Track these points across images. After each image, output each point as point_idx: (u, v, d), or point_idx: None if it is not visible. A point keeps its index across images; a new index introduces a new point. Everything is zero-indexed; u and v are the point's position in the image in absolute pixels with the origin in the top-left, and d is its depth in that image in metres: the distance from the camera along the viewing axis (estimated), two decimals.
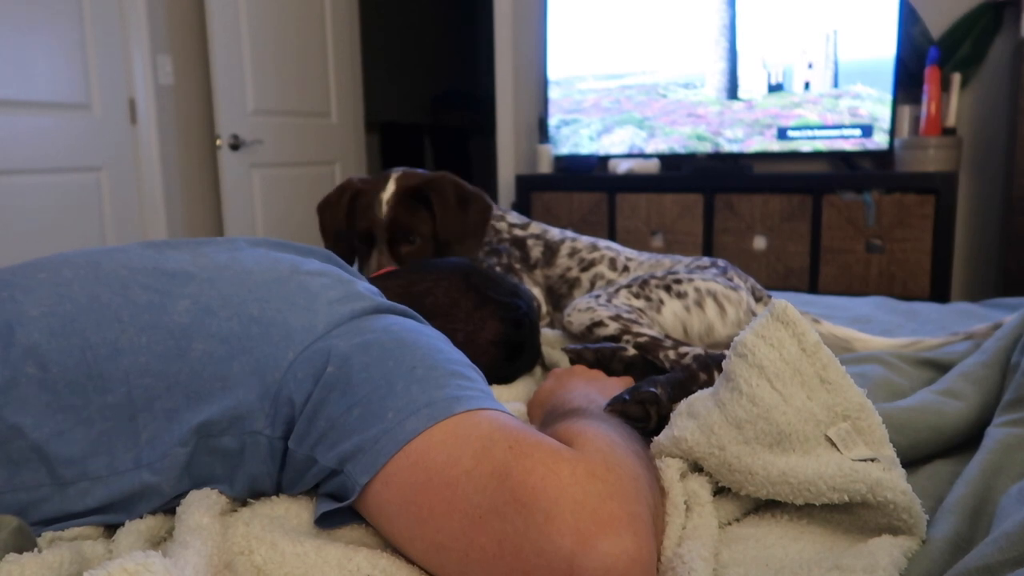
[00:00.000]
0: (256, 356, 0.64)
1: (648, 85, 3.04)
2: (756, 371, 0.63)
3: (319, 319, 0.67)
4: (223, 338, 0.65)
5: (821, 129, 2.79)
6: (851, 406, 0.62)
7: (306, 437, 0.62)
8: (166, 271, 0.71)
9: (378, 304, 0.71)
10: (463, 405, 0.58)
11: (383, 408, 0.59)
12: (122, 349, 0.64)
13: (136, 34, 2.97)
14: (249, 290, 0.70)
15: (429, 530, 0.53)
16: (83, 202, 2.84)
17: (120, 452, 0.61)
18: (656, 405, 0.81)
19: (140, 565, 0.43)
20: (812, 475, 0.57)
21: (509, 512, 0.49)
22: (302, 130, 3.52)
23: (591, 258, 1.31)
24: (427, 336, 0.69)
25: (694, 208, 2.83)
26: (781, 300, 0.67)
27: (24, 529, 0.57)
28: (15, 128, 2.60)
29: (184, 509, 0.58)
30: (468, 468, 0.53)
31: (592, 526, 0.46)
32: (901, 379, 0.97)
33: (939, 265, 2.52)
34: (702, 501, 0.61)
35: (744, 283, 1.18)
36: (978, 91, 2.74)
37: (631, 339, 0.99)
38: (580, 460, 0.51)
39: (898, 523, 0.57)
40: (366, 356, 0.63)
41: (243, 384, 0.63)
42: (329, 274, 0.74)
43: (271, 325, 0.66)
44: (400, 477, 0.56)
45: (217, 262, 0.73)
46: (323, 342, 0.65)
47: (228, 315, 0.67)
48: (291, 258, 0.76)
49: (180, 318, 0.66)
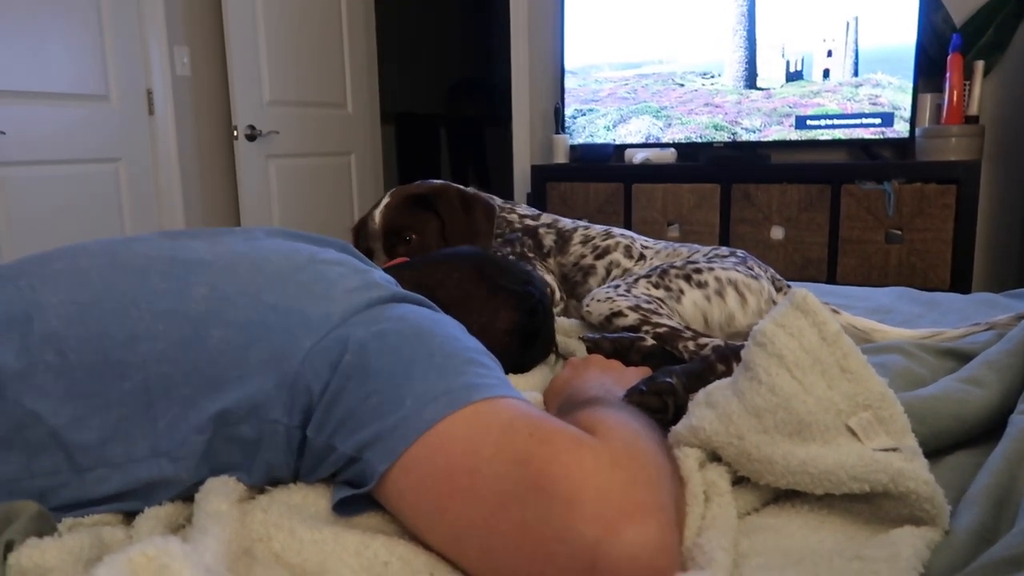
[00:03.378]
0: (273, 344, 0.64)
1: (665, 74, 3.02)
2: (776, 360, 0.62)
3: (336, 307, 0.66)
4: (241, 326, 0.65)
5: (840, 118, 2.76)
6: (872, 395, 0.61)
7: (325, 425, 0.62)
8: (183, 259, 0.71)
9: (394, 292, 0.71)
10: (481, 393, 0.58)
11: (401, 396, 0.59)
12: (139, 336, 0.64)
13: (153, 25, 2.98)
14: (267, 278, 0.70)
15: (449, 517, 0.53)
16: (101, 192, 2.86)
17: (138, 439, 0.62)
18: (673, 396, 0.80)
19: (160, 550, 0.43)
20: (833, 465, 0.57)
21: (531, 499, 0.48)
22: (318, 121, 3.53)
23: (605, 245, 1.31)
24: (444, 324, 0.69)
25: (711, 198, 2.81)
26: (801, 289, 0.66)
27: (44, 514, 0.58)
28: (34, 119, 2.62)
29: (203, 496, 0.59)
30: (489, 456, 0.52)
31: (616, 514, 0.46)
32: (922, 369, 0.96)
33: (960, 255, 2.48)
34: (721, 491, 0.60)
35: (764, 273, 1.17)
36: (1001, 79, 2.69)
37: (650, 329, 0.99)
38: (603, 448, 0.51)
39: (920, 514, 0.56)
40: (383, 344, 0.63)
41: (260, 372, 0.63)
42: (346, 263, 0.74)
43: (288, 313, 0.66)
44: (419, 464, 0.56)
45: (235, 251, 0.73)
46: (340, 330, 0.64)
47: (246, 303, 0.67)
48: (308, 247, 0.76)
49: (197, 305, 0.66)
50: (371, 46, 3.85)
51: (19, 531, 0.54)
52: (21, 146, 2.58)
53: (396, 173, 5.32)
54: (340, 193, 3.73)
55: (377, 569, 0.54)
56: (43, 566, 0.51)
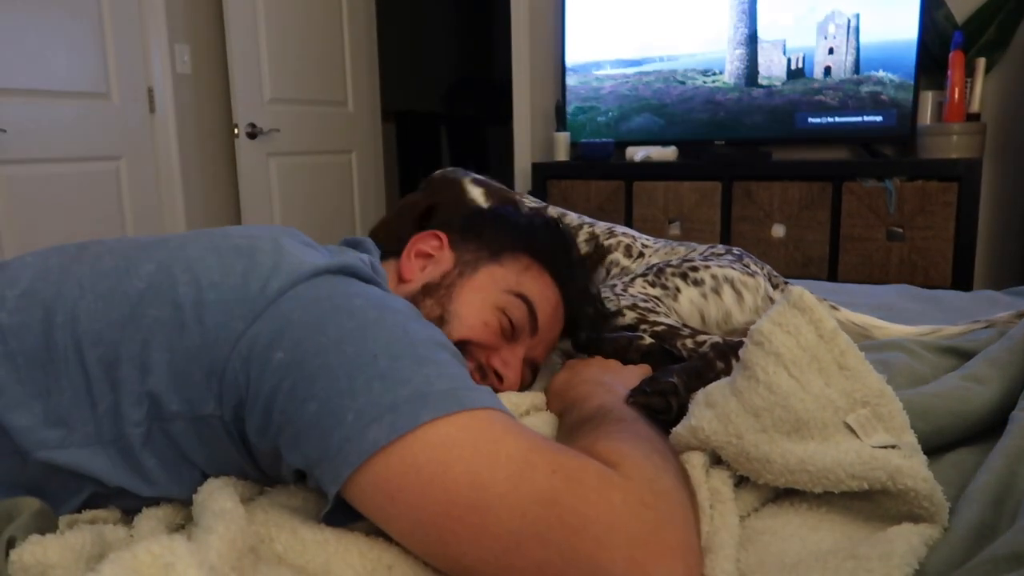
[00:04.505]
0: (206, 327, 0.59)
1: (666, 72, 3.02)
2: (773, 359, 0.62)
3: (273, 282, 0.61)
4: (177, 305, 0.60)
5: (842, 115, 2.75)
6: (870, 392, 0.61)
7: (265, 430, 0.58)
8: (145, 241, 0.68)
9: (335, 264, 0.65)
10: (428, 409, 0.53)
11: (342, 408, 0.54)
12: (78, 317, 0.61)
13: (154, 23, 2.98)
14: (219, 254, 0.64)
15: (452, 552, 0.51)
16: (102, 190, 2.87)
17: (77, 424, 0.60)
18: (676, 395, 0.80)
19: (165, 548, 0.43)
20: (831, 463, 0.57)
21: (555, 538, 0.47)
22: (319, 119, 3.53)
23: (608, 244, 1.30)
24: (391, 311, 0.62)
25: (712, 196, 2.81)
26: (798, 287, 0.66)
27: (46, 511, 0.58)
28: (35, 117, 2.62)
29: (207, 496, 0.58)
30: (502, 492, 0.49)
31: (646, 555, 0.46)
32: (923, 366, 0.96)
33: (962, 253, 2.48)
34: (724, 499, 0.60)
35: (760, 270, 1.16)
36: (1003, 76, 2.69)
37: (648, 328, 0.98)
38: (631, 488, 0.50)
39: (919, 511, 0.56)
40: (321, 338, 0.57)
41: (190, 359, 0.59)
42: (294, 235, 0.69)
43: (229, 291, 0.61)
44: (387, 489, 0.52)
45: (200, 231, 0.70)
46: (276, 309, 0.59)
47: (187, 279, 0.62)
48: (278, 229, 0.71)
49: (140, 283, 0.62)
50: (372, 44, 3.85)
51: (21, 528, 0.54)
52: (22, 144, 2.58)
53: (397, 171, 5.32)
54: (341, 191, 3.74)
55: (380, 573, 0.54)
56: (45, 562, 0.51)
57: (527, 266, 0.87)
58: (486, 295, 0.83)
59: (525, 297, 0.84)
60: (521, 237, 0.89)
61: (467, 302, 0.82)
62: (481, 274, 0.84)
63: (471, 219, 0.95)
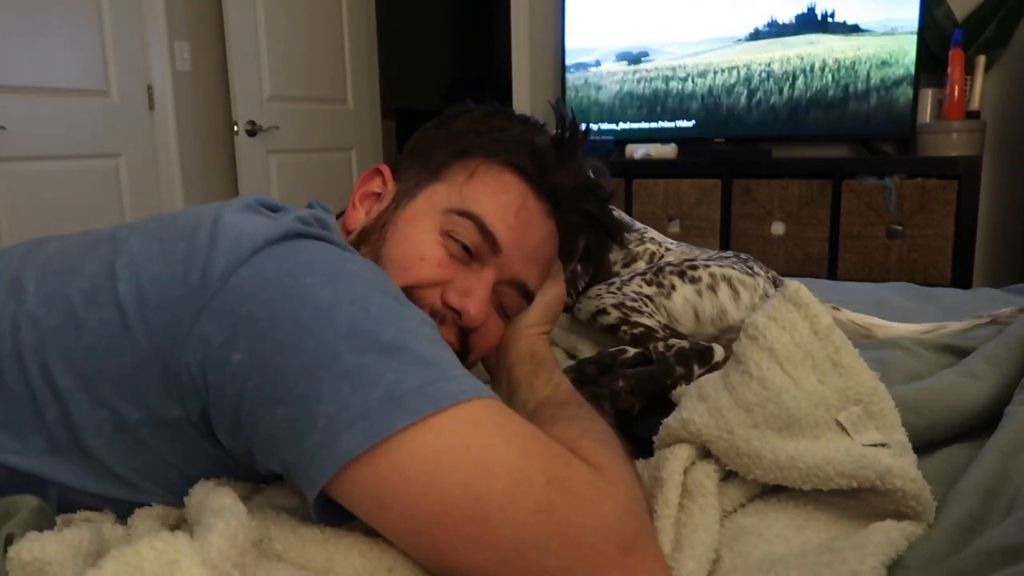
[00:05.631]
0: (152, 327, 0.55)
1: (666, 68, 3.01)
2: (767, 354, 0.62)
3: (216, 263, 0.56)
4: (119, 305, 0.56)
5: (841, 113, 2.75)
6: (863, 390, 0.61)
7: (236, 432, 0.55)
8: (92, 237, 0.63)
9: (284, 230, 0.59)
10: (401, 414, 0.50)
11: (310, 413, 0.51)
12: (19, 324, 0.57)
13: (153, 21, 2.98)
14: (163, 241, 0.59)
15: (450, 561, 0.51)
16: (102, 188, 2.87)
17: (28, 435, 0.57)
18: (613, 399, 0.81)
19: (169, 544, 0.43)
20: (821, 460, 0.57)
21: (554, 546, 0.49)
22: (318, 116, 3.53)
23: (635, 252, 1.27)
24: (346, 282, 0.56)
25: (712, 193, 2.81)
26: (793, 282, 0.66)
27: (44, 509, 0.58)
28: (34, 114, 2.62)
29: (204, 496, 0.58)
30: (502, 504, 0.49)
31: (635, 559, 0.50)
32: (919, 364, 0.96)
33: (961, 251, 2.48)
34: (706, 492, 0.60)
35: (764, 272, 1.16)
36: (1003, 74, 2.69)
37: (628, 330, 0.98)
38: (616, 496, 0.52)
39: (905, 510, 0.56)
40: (276, 335, 0.53)
41: (141, 363, 0.55)
42: (247, 210, 0.62)
43: (170, 283, 0.56)
44: (380, 494, 0.51)
45: (154, 217, 0.64)
46: (217, 307, 0.54)
47: (128, 275, 0.57)
48: (224, 204, 0.64)
49: (83, 283, 0.58)
50: (371, 41, 3.85)
51: (19, 525, 0.54)
52: (21, 141, 2.58)
53: None
54: (341, 188, 3.73)
55: (381, 574, 0.54)
56: (42, 559, 0.51)
57: (473, 170, 0.74)
58: (422, 224, 0.71)
59: (468, 213, 0.71)
60: (469, 138, 0.75)
61: (401, 240, 0.71)
62: (419, 200, 0.73)
63: (417, 138, 0.81)
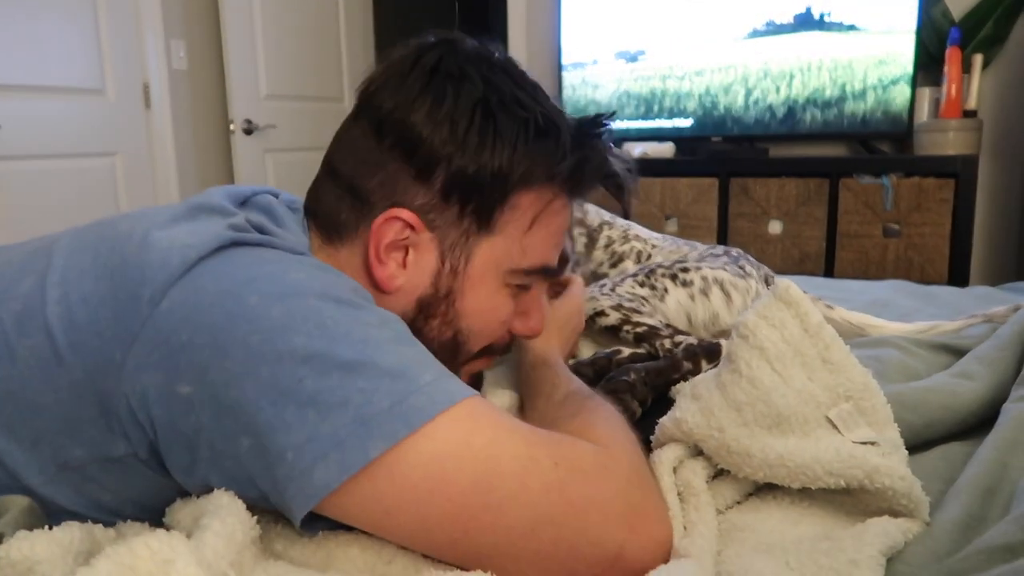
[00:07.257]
0: (84, 356, 0.50)
1: (663, 67, 3.01)
2: (757, 353, 0.62)
3: (151, 278, 0.50)
4: (48, 331, 0.51)
5: (838, 112, 2.75)
6: (854, 386, 0.61)
7: (192, 468, 0.51)
8: (32, 248, 0.58)
9: (219, 240, 0.53)
10: (375, 439, 0.48)
11: (277, 445, 0.48)
12: None
13: (150, 19, 2.97)
14: (95, 254, 0.54)
15: (461, 550, 0.52)
16: (98, 187, 2.86)
17: None
18: (632, 392, 0.84)
19: (164, 544, 0.43)
20: (809, 459, 0.57)
21: (568, 519, 0.52)
22: (315, 115, 3.52)
23: (621, 251, 1.28)
24: (295, 297, 0.51)
25: (709, 192, 2.81)
26: (784, 280, 0.66)
27: (34, 509, 0.58)
28: (30, 113, 2.61)
29: (205, 498, 0.58)
30: (512, 491, 0.50)
31: (639, 521, 0.54)
32: (916, 363, 0.96)
33: (958, 250, 2.48)
34: (696, 491, 0.61)
35: (756, 272, 1.16)
36: (1000, 73, 2.69)
37: (631, 329, 0.98)
38: (619, 469, 0.56)
39: (898, 508, 0.56)
40: (226, 362, 0.48)
41: (79, 397, 0.50)
42: (192, 212, 0.56)
43: (99, 305, 0.51)
44: (383, 502, 0.50)
45: (95, 223, 0.59)
46: (151, 335, 0.49)
47: (58, 295, 0.52)
48: (161, 210, 0.58)
49: (15, 305, 0.53)
50: (368, 40, 3.84)
51: (9, 524, 0.54)
52: (16, 140, 2.57)
53: None
54: None
55: (380, 569, 0.54)
56: (32, 558, 0.51)
57: (531, 218, 0.64)
58: (491, 285, 0.65)
59: (535, 270, 0.66)
60: (504, 156, 0.63)
61: (477, 310, 0.65)
62: (477, 261, 0.64)
63: (425, 161, 0.63)
